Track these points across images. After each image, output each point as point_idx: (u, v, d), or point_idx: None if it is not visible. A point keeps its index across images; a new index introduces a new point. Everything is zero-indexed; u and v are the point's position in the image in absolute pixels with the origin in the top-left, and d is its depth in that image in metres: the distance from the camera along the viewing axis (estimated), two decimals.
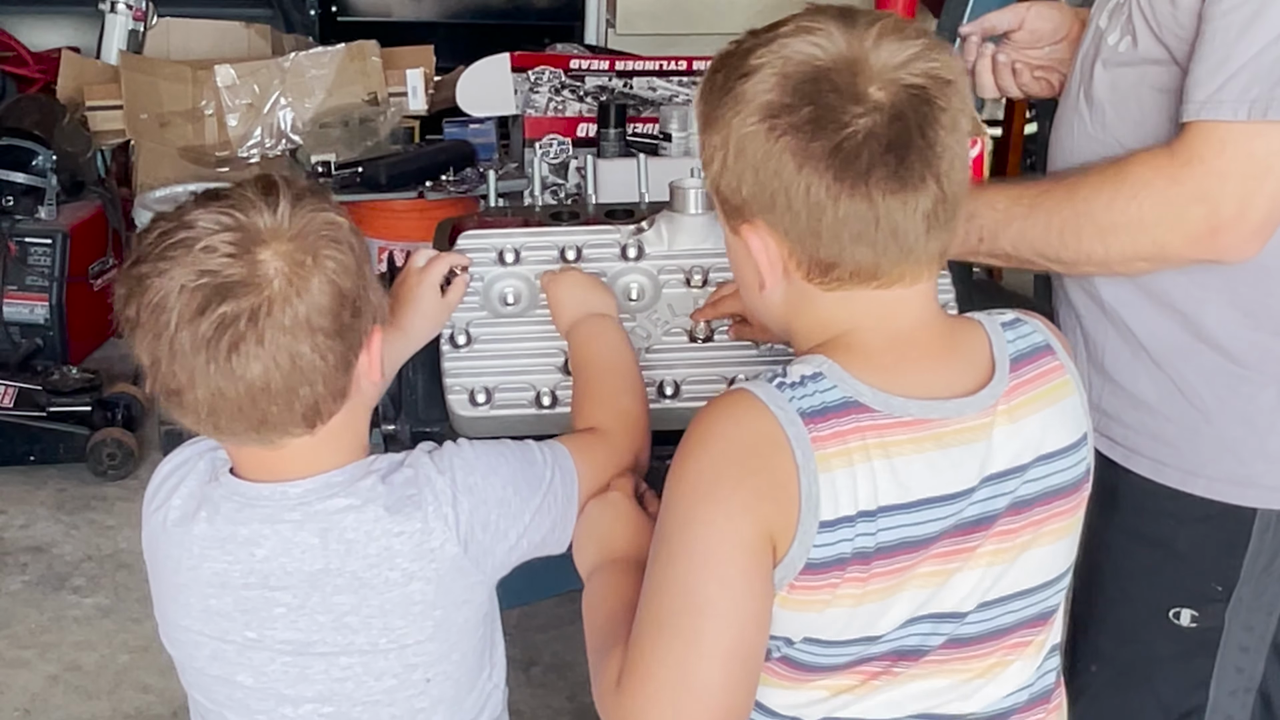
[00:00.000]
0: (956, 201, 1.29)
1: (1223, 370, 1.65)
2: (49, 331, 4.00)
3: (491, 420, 1.72)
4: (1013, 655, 1.38)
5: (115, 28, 4.45)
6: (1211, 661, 1.74)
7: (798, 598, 1.28)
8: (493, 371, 1.74)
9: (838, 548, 1.26)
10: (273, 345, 1.33)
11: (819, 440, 1.25)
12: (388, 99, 4.16)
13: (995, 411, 1.31)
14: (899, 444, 1.27)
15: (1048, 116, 1.89)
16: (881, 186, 1.24)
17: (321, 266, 1.35)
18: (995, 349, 1.34)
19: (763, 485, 1.25)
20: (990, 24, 1.91)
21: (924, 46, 1.28)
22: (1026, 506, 1.34)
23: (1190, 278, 1.63)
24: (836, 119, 1.24)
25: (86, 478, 3.62)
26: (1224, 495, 1.67)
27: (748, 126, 1.26)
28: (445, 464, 1.46)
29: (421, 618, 1.45)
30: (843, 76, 1.25)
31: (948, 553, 1.30)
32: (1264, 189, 1.50)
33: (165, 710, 2.86)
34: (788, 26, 1.28)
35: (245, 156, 4.23)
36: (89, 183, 4.15)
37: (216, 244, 1.32)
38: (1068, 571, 1.41)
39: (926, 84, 1.26)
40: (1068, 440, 1.36)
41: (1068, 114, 1.74)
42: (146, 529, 1.51)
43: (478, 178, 3.11)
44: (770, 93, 1.26)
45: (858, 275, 1.29)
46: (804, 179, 1.25)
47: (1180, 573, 1.73)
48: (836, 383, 1.28)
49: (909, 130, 1.24)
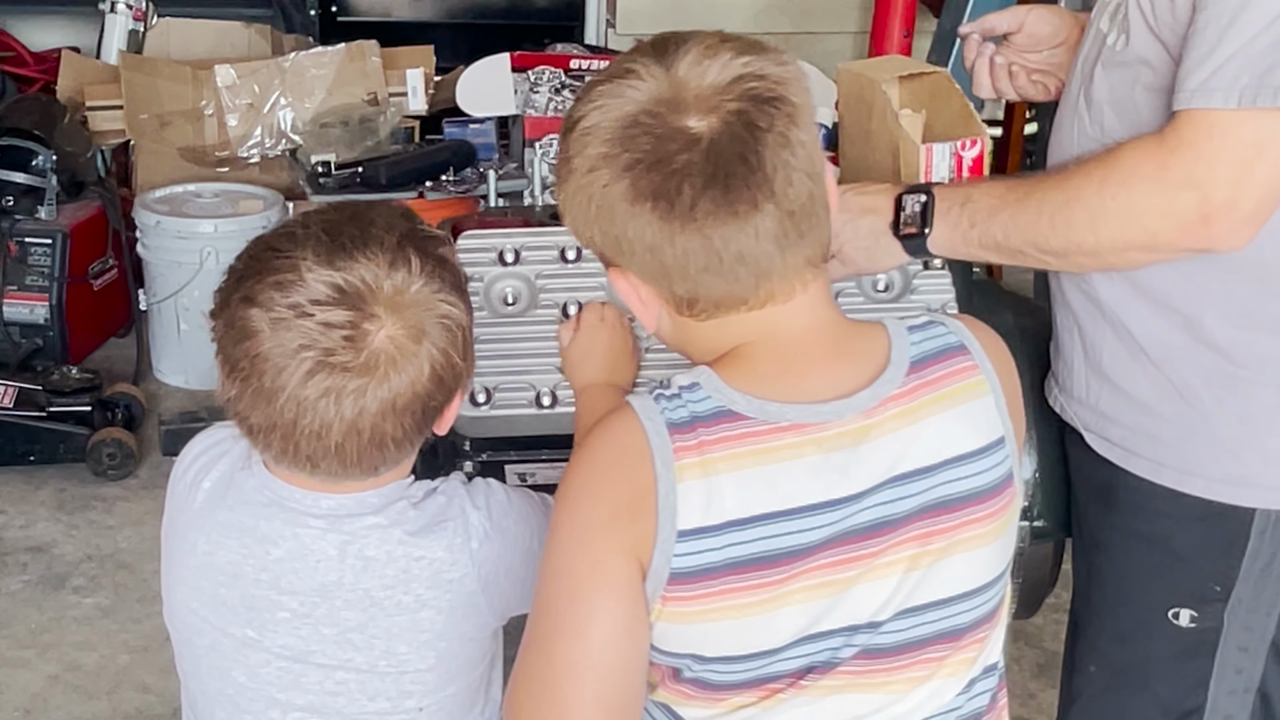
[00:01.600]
0: (807, 212, 1.26)
1: (1220, 371, 1.65)
2: (49, 331, 4.00)
3: (491, 420, 1.72)
4: (927, 670, 1.33)
5: (115, 28, 4.45)
6: (1211, 662, 1.74)
7: (673, 610, 1.26)
8: (493, 371, 1.74)
9: (704, 557, 1.25)
10: (361, 420, 1.34)
11: (681, 450, 1.25)
12: (388, 99, 4.17)
13: (886, 413, 1.28)
14: (775, 450, 1.26)
15: (1048, 117, 1.89)
16: (710, 219, 1.23)
17: (430, 355, 1.35)
18: (895, 351, 1.32)
19: (622, 497, 1.25)
20: (989, 25, 1.91)
21: (743, 65, 1.26)
22: (937, 511, 1.30)
23: (1188, 278, 1.63)
24: (656, 160, 1.23)
25: (86, 478, 3.61)
26: (1222, 495, 1.67)
27: (581, 180, 1.27)
28: (481, 500, 1.46)
29: (426, 647, 1.44)
30: (659, 117, 1.24)
31: (842, 560, 1.28)
32: (1254, 176, 1.50)
33: (165, 710, 2.86)
34: (606, 74, 1.29)
35: (245, 156, 4.23)
36: (89, 183, 4.14)
37: (334, 320, 1.31)
38: (993, 584, 1.35)
39: (746, 106, 1.24)
40: (980, 442, 1.32)
41: (1068, 116, 1.73)
42: (171, 506, 1.50)
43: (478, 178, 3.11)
44: (593, 146, 1.26)
45: (722, 305, 1.28)
46: (636, 224, 1.25)
47: (1179, 573, 1.72)
48: (711, 393, 1.27)
49: (731, 158, 1.23)
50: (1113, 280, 1.68)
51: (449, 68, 4.22)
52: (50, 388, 3.67)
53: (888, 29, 4.36)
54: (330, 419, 1.33)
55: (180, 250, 3.95)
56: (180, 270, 3.95)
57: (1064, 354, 1.80)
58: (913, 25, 4.38)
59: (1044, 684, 2.93)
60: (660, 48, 1.28)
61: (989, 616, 1.36)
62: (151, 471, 3.64)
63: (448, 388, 1.39)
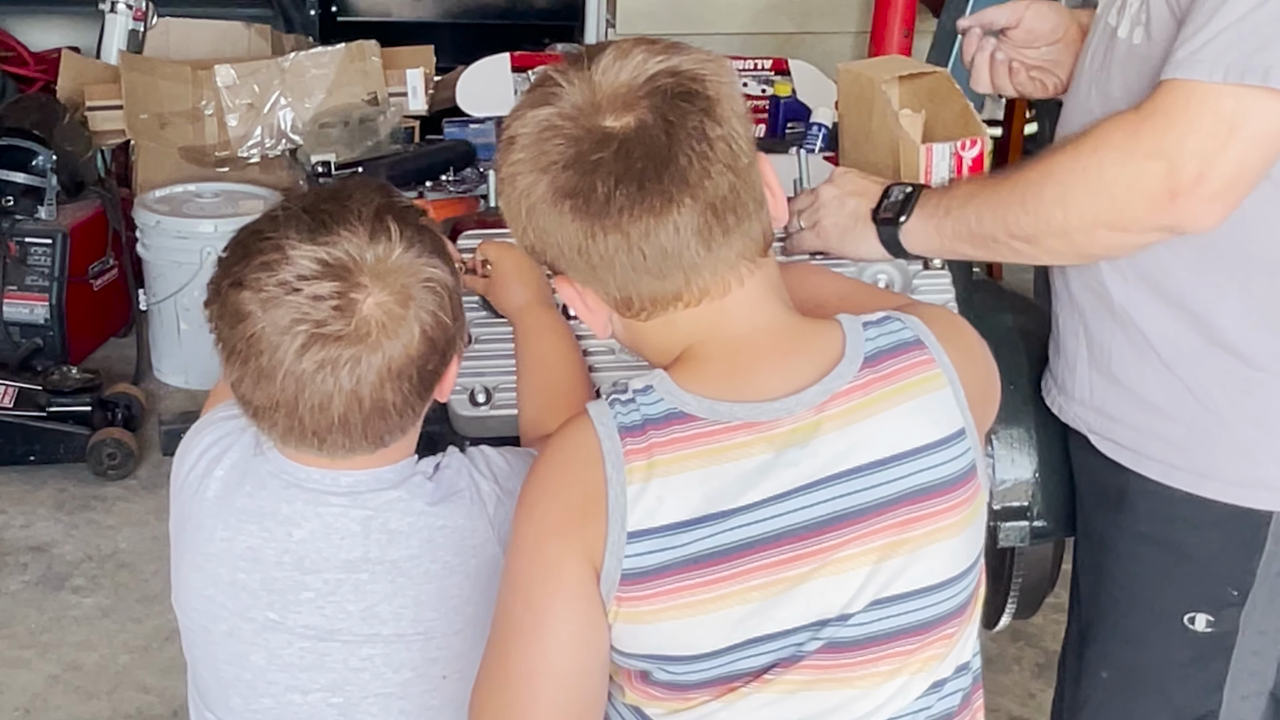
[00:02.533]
0: (730, 205, 1.27)
1: (1235, 372, 1.63)
2: (49, 331, 4.00)
3: (491, 420, 1.72)
4: (893, 665, 1.33)
5: (115, 28, 4.45)
6: (1226, 666, 1.73)
7: (628, 610, 1.27)
8: (493, 371, 1.74)
9: (654, 557, 1.26)
10: (360, 389, 1.36)
11: (632, 453, 1.26)
12: (388, 99, 4.16)
13: (839, 407, 1.29)
14: (726, 450, 1.27)
15: (1048, 117, 1.89)
16: (626, 215, 1.24)
17: (419, 319, 1.38)
18: (849, 345, 1.32)
19: (575, 500, 1.27)
20: (988, 19, 1.91)
21: (657, 63, 1.27)
22: (905, 502, 1.30)
23: (1201, 277, 1.62)
24: (571, 161, 1.25)
25: (86, 478, 3.61)
26: (1237, 498, 1.66)
27: (508, 191, 1.30)
28: (484, 468, 1.49)
29: (454, 613, 1.46)
30: (575, 120, 1.26)
31: (797, 556, 1.28)
32: (1227, 152, 1.47)
33: (165, 710, 2.86)
34: (530, 88, 1.32)
35: (245, 156, 4.23)
36: (89, 183, 4.15)
37: (321, 292, 1.34)
38: (960, 579, 1.34)
39: (659, 103, 1.25)
40: (940, 434, 1.31)
41: (1079, 114, 1.72)
42: (180, 498, 1.51)
43: (478, 178, 3.10)
44: (515, 152, 1.29)
45: (657, 302, 1.29)
46: (561, 227, 1.27)
47: (1194, 577, 1.71)
48: (664, 395, 1.29)
49: (645, 154, 1.24)
50: (1125, 279, 1.67)
51: (449, 68, 4.22)
52: (50, 388, 3.68)
53: (888, 29, 4.36)
54: (330, 390, 1.35)
55: (180, 250, 3.96)
56: (180, 270, 3.95)
57: (1065, 355, 1.79)
58: (913, 25, 4.38)
59: (1044, 684, 2.93)
60: (578, 57, 1.30)
61: (958, 611, 1.35)
62: (151, 471, 3.64)
63: (441, 350, 1.41)
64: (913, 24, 4.36)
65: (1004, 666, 3.00)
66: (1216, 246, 1.59)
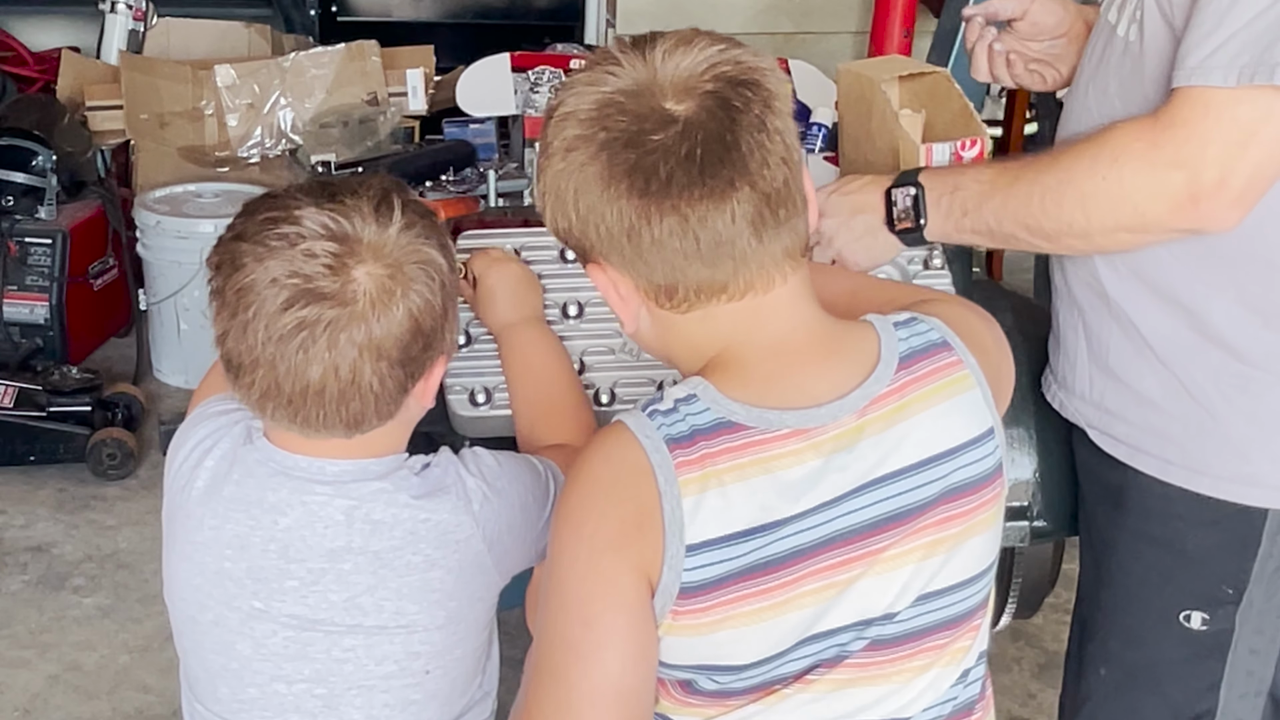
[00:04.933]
0: (783, 199, 1.27)
1: (1229, 368, 1.64)
2: (49, 331, 4.00)
3: (491, 420, 1.72)
4: (928, 659, 1.34)
5: (115, 28, 4.45)
6: (1222, 664, 1.74)
7: (683, 623, 1.27)
8: (493, 371, 1.74)
9: (714, 569, 1.25)
10: (338, 356, 1.37)
11: (684, 465, 1.25)
12: (388, 99, 4.16)
13: (879, 410, 1.29)
14: (778, 459, 1.26)
15: (1048, 117, 1.90)
16: (687, 196, 1.23)
17: (407, 298, 1.38)
18: (884, 348, 1.32)
19: (628, 515, 1.26)
20: (994, 9, 1.91)
21: (718, 52, 1.27)
22: (938, 503, 1.31)
23: (1196, 274, 1.62)
24: (633, 139, 1.24)
25: (86, 478, 3.61)
26: (1230, 494, 1.66)
27: (557, 166, 1.28)
28: (473, 467, 1.49)
29: (436, 607, 1.47)
30: (636, 99, 1.25)
31: (847, 560, 1.28)
32: (1246, 155, 1.49)
33: (165, 710, 2.86)
34: (585, 65, 1.31)
35: (245, 156, 4.23)
36: (89, 183, 4.14)
37: (317, 250, 1.36)
38: (988, 571, 1.38)
39: (721, 88, 1.25)
40: (971, 434, 1.33)
41: (1076, 109, 1.72)
42: (171, 489, 1.52)
43: (478, 178, 3.11)
44: (570, 128, 1.27)
45: (702, 293, 1.28)
46: (613, 204, 1.25)
47: (1191, 575, 1.72)
48: (710, 405, 1.27)
49: (707, 138, 1.24)
50: (1120, 275, 1.67)
51: (449, 68, 4.22)
52: (50, 388, 3.67)
53: (888, 29, 4.35)
54: (308, 353, 1.36)
55: (180, 250, 3.95)
56: (180, 270, 3.95)
57: (1066, 350, 1.80)
58: (913, 25, 4.37)
59: (1044, 684, 2.92)
60: (638, 42, 1.30)
61: (984, 603, 1.39)
62: (151, 471, 3.63)
63: (425, 335, 1.41)
64: (913, 24, 4.36)
65: (1004, 666, 2.99)
66: (1210, 243, 1.59)
